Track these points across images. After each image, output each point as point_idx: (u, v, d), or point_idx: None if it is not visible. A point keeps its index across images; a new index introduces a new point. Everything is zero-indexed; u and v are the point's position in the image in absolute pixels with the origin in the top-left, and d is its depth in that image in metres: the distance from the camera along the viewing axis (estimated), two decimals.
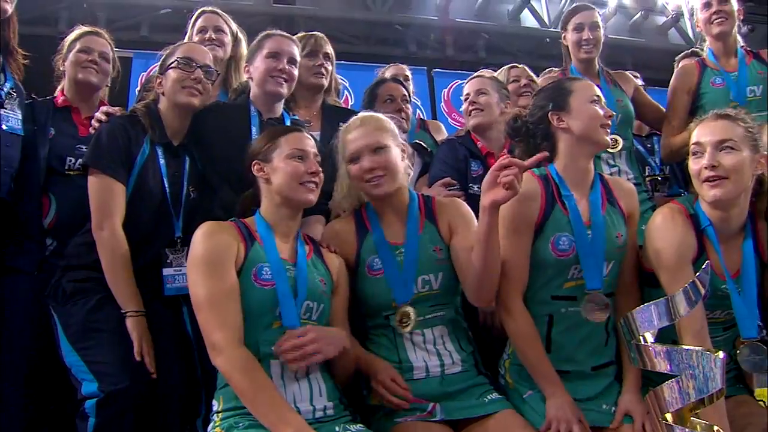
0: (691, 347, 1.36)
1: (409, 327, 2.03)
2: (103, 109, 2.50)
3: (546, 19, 7.97)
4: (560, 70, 3.23)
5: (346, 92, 6.17)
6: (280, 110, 2.52)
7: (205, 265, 1.82)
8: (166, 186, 2.28)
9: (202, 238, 1.86)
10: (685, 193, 3.08)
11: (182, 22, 3.18)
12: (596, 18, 3.11)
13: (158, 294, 2.20)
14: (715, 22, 3.07)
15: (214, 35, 2.99)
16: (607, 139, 2.15)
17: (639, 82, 3.34)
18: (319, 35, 2.95)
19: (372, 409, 2.00)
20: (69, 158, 2.53)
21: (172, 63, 2.32)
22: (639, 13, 8.19)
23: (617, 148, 2.93)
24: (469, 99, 2.91)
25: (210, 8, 3.10)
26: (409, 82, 3.52)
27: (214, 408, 1.84)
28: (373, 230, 2.13)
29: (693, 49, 3.81)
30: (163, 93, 2.34)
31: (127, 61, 5.65)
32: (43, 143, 2.53)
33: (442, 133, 3.64)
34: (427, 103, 7.14)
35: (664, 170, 3.60)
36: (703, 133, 2.00)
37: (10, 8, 2.54)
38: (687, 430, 1.32)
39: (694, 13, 3.20)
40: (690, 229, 2.03)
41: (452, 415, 1.96)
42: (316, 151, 2.04)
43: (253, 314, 1.82)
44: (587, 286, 2.03)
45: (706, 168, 1.95)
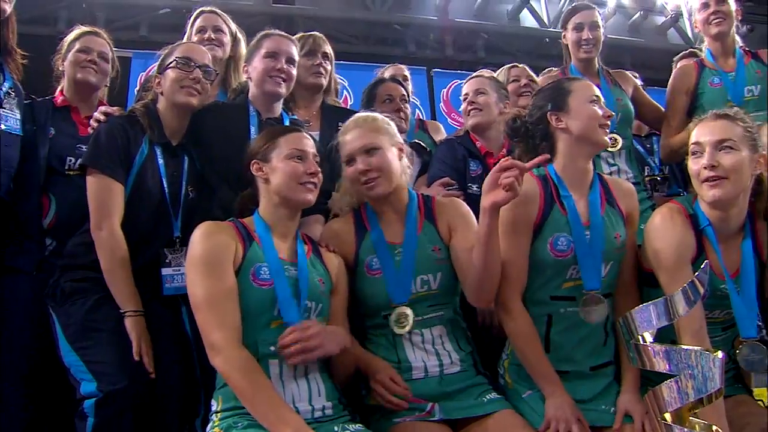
0: (690, 347, 1.36)
1: (407, 328, 2.03)
2: (102, 109, 2.50)
3: (545, 19, 7.97)
4: (560, 69, 3.23)
5: (345, 92, 6.17)
6: (279, 110, 2.52)
7: (204, 266, 1.81)
8: (165, 186, 2.27)
9: (200, 238, 1.86)
10: (685, 193, 3.08)
11: (181, 22, 3.18)
12: (596, 17, 3.11)
13: (157, 294, 2.20)
14: (713, 22, 3.07)
15: (213, 35, 2.99)
16: (606, 140, 2.15)
17: (638, 81, 3.34)
18: (318, 35, 2.95)
19: (371, 409, 2.00)
20: (69, 158, 2.53)
21: (171, 63, 2.32)
22: (638, 13, 8.19)
23: (616, 147, 2.93)
24: (467, 99, 2.91)
25: (209, 8, 3.10)
26: (408, 82, 3.52)
27: (213, 408, 1.84)
28: (372, 230, 2.13)
29: (691, 50, 3.81)
30: (162, 93, 2.34)
31: (126, 61, 5.65)
32: (43, 143, 2.53)
33: (440, 134, 3.64)
34: (426, 103, 7.13)
35: (663, 170, 3.60)
36: (703, 132, 2.00)
37: (9, 8, 2.53)
38: (686, 429, 1.32)
39: (693, 13, 3.20)
40: (689, 228, 2.03)
41: (451, 415, 1.96)
42: (315, 152, 2.04)
43: (252, 314, 1.82)
44: (585, 286, 2.03)
45: (705, 168, 1.95)
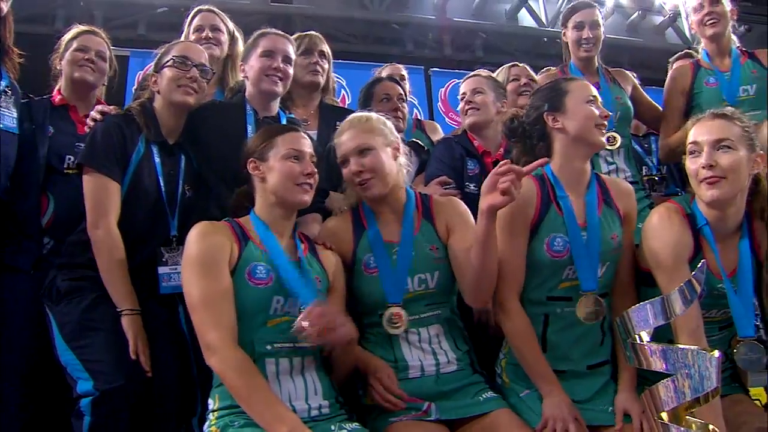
0: (687, 346, 1.36)
1: (400, 328, 2.03)
2: (98, 108, 2.49)
3: (543, 19, 7.96)
4: (559, 67, 3.23)
5: (343, 91, 6.17)
6: (276, 109, 2.51)
7: (200, 266, 1.81)
8: (162, 185, 2.27)
9: (196, 238, 1.86)
10: (682, 192, 3.08)
11: (179, 20, 3.17)
12: (596, 16, 3.11)
13: (154, 292, 2.19)
14: (708, 23, 3.07)
15: (211, 34, 2.98)
16: (603, 140, 2.14)
17: (636, 81, 3.34)
18: (315, 34, 2.95)
19: (367, 409, 2.00)
20: (68, 156, 2.52)
21: (168, 62, 2.32)
22: (636, 13, 8.18)
23: (616, 145, 2.93)
24: (465, 98, 2.91)
25: (207, 6, 3.10)
26: (405, 82, 3.51)
27: (210, 407, 1.84)
28: (370, 228, 2.13)
29: (686, 50, 3.82)
30: (159, 91, 2.33)
31: (124, 59, 5.64)
32: (42, 142, 2.52)
33: (438, 133, 3.63)
34: (424, 103, 7.13)
35: (661, 170, 3.61)
36: (700, 132, 2.00)
37: (6, 7, 2.52)
38: (682, 428, 1.32)
39: (689, 14, 3.20)
40: (686, 228, 2.03)
41: (447, 415, 1.96)
42: (312, 152, 2.03)
43: (248, 313, 1.82)
44: (582, 287, 2.03)
45: (703, 168, 1.95)
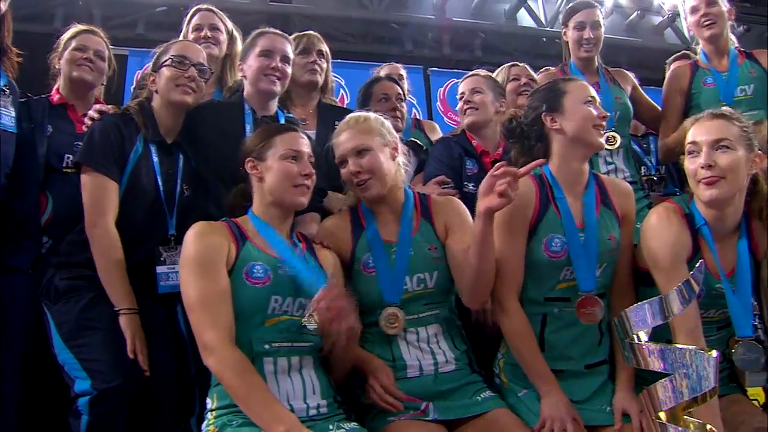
0: (685, 346, 1.36)
1: (397, 329, 2.03)
2: (96, 107, 2.48)
3: (542, 19, 7.95)
4: (559, 67, 3.23)
5: (342, 91, 6.16)
6: (275, 108, 2.52)
7: (197, 266, 1.81)
8: (160, 184, 2.27)
9: (193, 239, 1.86)
10: (681, 192, 3.08)
11: (178, 19, 3.17)
12: (598, 17, 3.10)
13: (152, 292, 2.19)
14: (704, 25, 3.08)
15: (210, 33, 2.98)
16: (601, 141, 2.14)
17: (636, 81, 3.34)
18: (313, 34, 2.95)
19: (365, 408, 2.00)
20: (67, 156, 2.51)
21: (166, 61, 2.32)
22: (635, 13, 8.18)
23: (615, 145, 2.93)
24: (464, 98, 2.91)
25: (206, 6, 3.09)
26: (404, 81, 3.51)
27: (208, 406, 1.84)
28: (368, 228, 2.12)
29: (684, 51, 3.82)
30: (157, 91, 2.33)
31: (123, 58, 5.62)
32: (41, 141, 2.51)
33: (436, 133, 3.62)
34: (423, 102, 7.12)
35: (659, 170, 3.60)
36: (699, 132, 2.00)
37: (4, 6, 2.52)
38: (680, 428, 1.32)
39: (687, 15, 3.20)
40: (685, 228, 2.03)
41: (446, 415, 1.96)
42: (311, 152, 2.03)
43: (245, 313, 1.82)
44: (580, 287, 2.03)
45: (702, 168, 1.95)
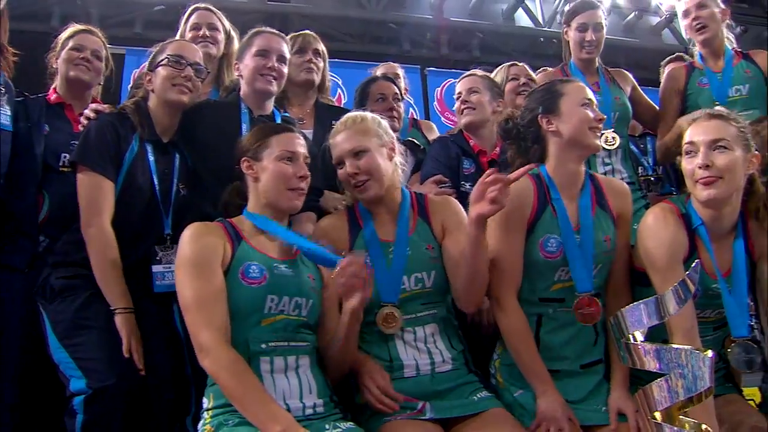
0: (680, 346, 1.36)
1: (394, 328, 2.03)
2: (92, 106, 2.48)
3: (540, 19, 7.96)
4: (559, 67, 3.23)
5: (339, 90, 6.16)
6: (271, 107, 2.52)
7: (192, 267, 1.81)
8: (156, 183, 2.27)
9: (188, 239, 1.86)
10: (678, 192, 3.09)
11: (176, 18, 3.16)
12: (600, 18, 3.09)
13: (148, 291, 2.19)
14: (696, 29, 3.09)
15: (208, 32, 2.98)
16: (597, 143, 2.14)
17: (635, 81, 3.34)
18: (309, 33, 2.95)
19: (362, 408, 1.99)
20: (64, 155, 2.51)
21: (162, 60, 2.31)
22: (633, 13, 8.19)
23: (614, 145, 2.93)
24: (461, 98, 2.91)
25: (204, 5, 3.09)
26: (401, 80, 3.51)
27: (204, 405, 1.84)
28: (365, 227, 2.12)
29: (678, 54, 3.83)
30: (153, 90, 2.33)
31: (120, 57, 5.61)
32: (38, 140, 2.51)
33: (434, 133, 3.62)
34: (420, 102, 7.13)
35: (657, 170, 3.61)
36: (697, 132, 2.00)
37: (1, 5, 2.51)
38: (676, 428, 1.32)
39: (681, 18, 3.21)
40: (681, 228, 2.03)
41: (442, 414, 1.96)
42: (306, 153, 2.03)
43: (242, 313, 1.81)
44: (577, 288, 2.04)
45: (699, 168, 1.96)
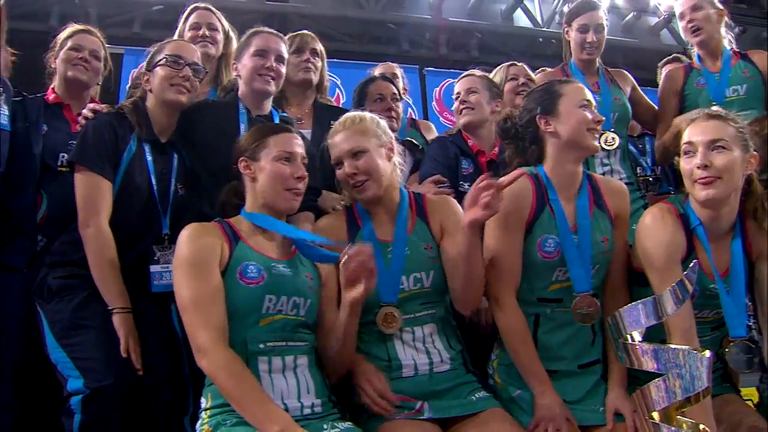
0: (678, 346, 1.36)
1: (394, 328, 2.02)
2: (90, 106, 2.48)
3: (539, 19, 7.97)
4: (559, 66, 3.22)
5: (338, 90, 6.16)
6: (269, 107, 2.51)
7: (190, 267, 1.81)
8: (154, 183, 2.27)
9: (186, 240, 1.86)
10: (675, 192, 3.09)
11: (174, 18, 3.16)
12: (601, 20, 3.08)
13: (145, 291, 2.19)
14: (691, 31, 3.10)
15: (208, 32, 2.98)
16: (596, 144, 2.14)
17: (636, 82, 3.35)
18: (306, 33, 2.96)
19: (360, 408, 1.98)
20: (62, 154, 2.50)
21: (161, 60, 2.31)
22: (631, 14, 8.20)
23: (614, 146, 2.93)
24: (459, 98, 2.91)
25: (203, 4, 3.09)
26: (399, 80, 3.50)
27: (202, 405, 1.84)
28: (364, 227, 2.12)
29: (675, 55, 3.84)
30: (151, 90, 2.33)
31: (118, 57, 5.60)
32: (37, 140, 2.51)
33: (432, 133, 3.61)
34: (419, 102, 7.14)
35: (655, 170, 3.61)
36: (695, 132, 2.01)
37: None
38: (673, 428, 1.32)
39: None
40: (679, 228, 2.03)
41: (440, 414, 1.96)
42: (304, 153, 2.03)
43: (240, 313, 1.81)
44: (575, 289, 2.04)
45: (698, 168, 1.96)
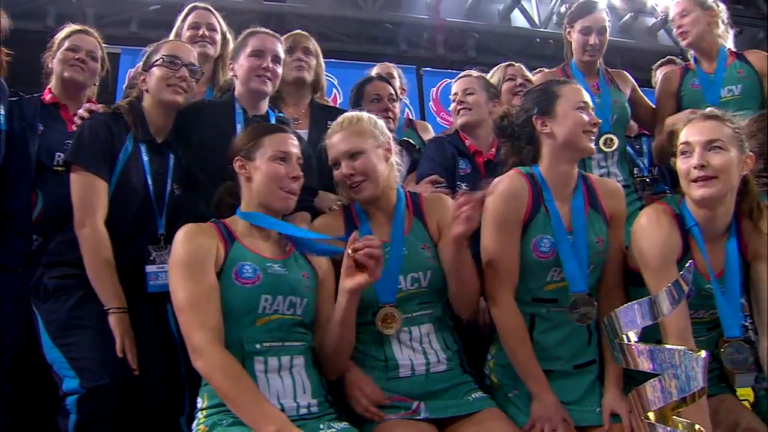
0: (674, 347, 1.37)
1: (393, 329, 2.02)
2: (86, 106, 2.48)
3: (536, 19, 7.96)
4: (560, 66, 3.22)
5: (335, 90, 6.16)
6: (265, 108, 2.52)
7: (185, 267, 1.81)
8: (150, 183, 2.26)
9: (182, 240, 1.86)
10: (671, 192, 3.09)
11: (172, 18, 3.15)
12: (604, 22, 3.07)
13: (141, 291, 2.18)
14: (681, 35, 3.11)
15: (207, 32, 2.99)
16: (591, 146, 2.14)
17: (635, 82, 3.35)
18: (299, 32, 2.96)
19: None
20: (58, 154, 2.50)
21: (157, 60, 2.31)
22: (629, 14, 8.19)
23: (612, 148, 2.93)
24: (457, 98, 2.91)
25: (202, 4, 3.09)
26: (396, 80, 3.50)
27: (199, 405, 1.83)
28: (362, 227, 2.12)
29: (669, 57, 3.86)
30: (147, 90, 2.33)
31: (115, 56, 5.60)
32: (33, 140, 2.50)
33: (429, 133, 3.62)
34: (416, 102, 7.13)
35: (652, 171, 3.61)
36: (692, 133, 2.01)
37: None
38: (669, 428, 1.32)
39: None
40: (675, 229, 2.04)
41: (437, 414, 1.96)
42: (300, 154, 2.03)
43: (236, 313, 1.81)
44: (571, 289, 2.04)
45: (695, 168, 1.97)
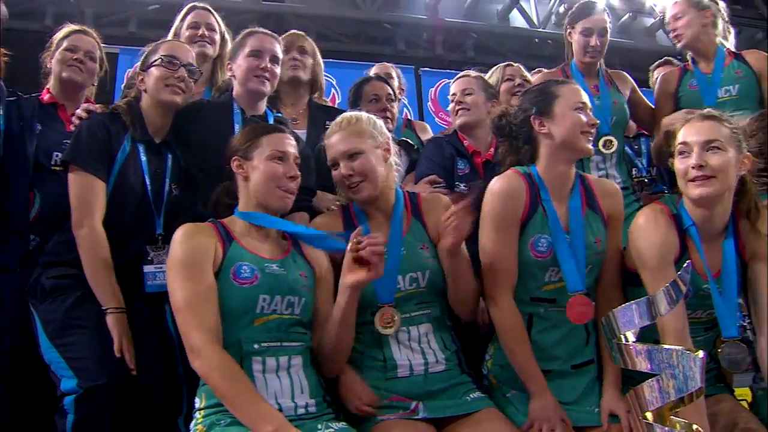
0: (672, 347, 1.37)
1: (393, 329, 2.02)
2: (84, 106, 2.47)
3: (535, 20, 7.97)
4: (560, 67, 3.22)
5: (333, 90, 6.15)
6: (264, 108, 2.52)
7: (183, 267, 1.81)
8: (148, 183, 2.26)
9: (180, 240, 1.86)
10: (669, 192, 3.10)
11: (170, 18, 3.15)
12: (605, 23, 3.07)
13: (139, 291, 2.18)
14: (675, 38, 3.11)
15: (207, 32, 2.99)
16: (589, 147, 2.14)
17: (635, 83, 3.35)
18: (295, 32, 2.96)
19: None
20: (56, 154, 2.49)
21: (156, 61, 2.31)
22: (627, 15, 8.20)
23: (612, 149, 2.93)
24: (455, 99, 2.91)
25: (201, 4, 3.09)
26: (394, 80, 3.49)
27: (196, 405, 1.83)
28: (360, 226, 2.12)
29: (666, 58, 3.85)
30: (145, 90, 2.32)
31: (114, 56, 5.60)
32: (31, 140, 2.50)
33: (427, 134, 3.63)
34: (414, 102, 7.13)
35: (651, 172, 3.61)
36: (690, 133, 2.01)
37: None
38: (667, 428, 1.32)
39: None
40: (672, 229, 2.04)
41: (435, 414, 1.96)
42: (297, 154, 2.03)
43: (234, 313, 1.81)
44: (569, 289, 2.04)
45: (693, 168, 1.97)
